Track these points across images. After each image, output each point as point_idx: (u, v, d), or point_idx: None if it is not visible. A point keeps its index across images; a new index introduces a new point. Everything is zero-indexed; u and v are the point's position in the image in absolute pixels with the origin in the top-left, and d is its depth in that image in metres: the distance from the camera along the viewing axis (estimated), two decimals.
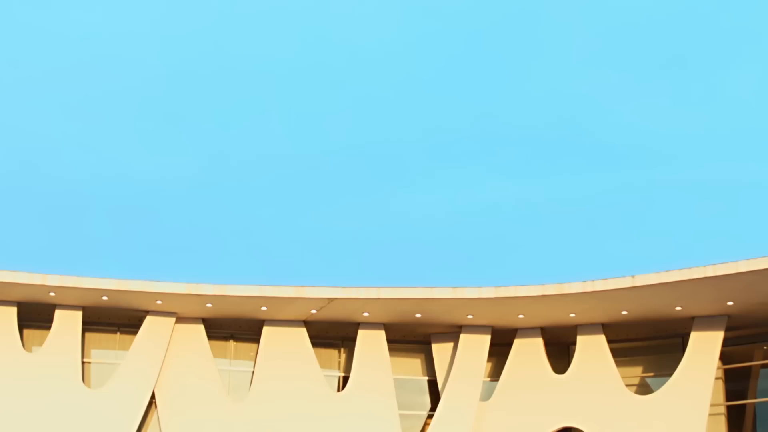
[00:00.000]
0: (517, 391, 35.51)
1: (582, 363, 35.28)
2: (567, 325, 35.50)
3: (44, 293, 33.48)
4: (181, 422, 34.48)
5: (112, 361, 35.52)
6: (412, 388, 37.22)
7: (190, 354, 35.27)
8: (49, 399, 33.49)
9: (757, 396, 35.69)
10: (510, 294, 33.21)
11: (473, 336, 35.80)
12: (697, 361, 33.80)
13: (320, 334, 36.47)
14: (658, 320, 34.75)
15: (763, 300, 32.23)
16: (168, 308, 34.69)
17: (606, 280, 32.24)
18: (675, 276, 31.15)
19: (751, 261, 30.02)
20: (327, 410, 35.02)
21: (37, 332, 35.29)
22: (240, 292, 33.61)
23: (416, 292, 33.63)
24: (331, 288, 33.74)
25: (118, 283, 33.23)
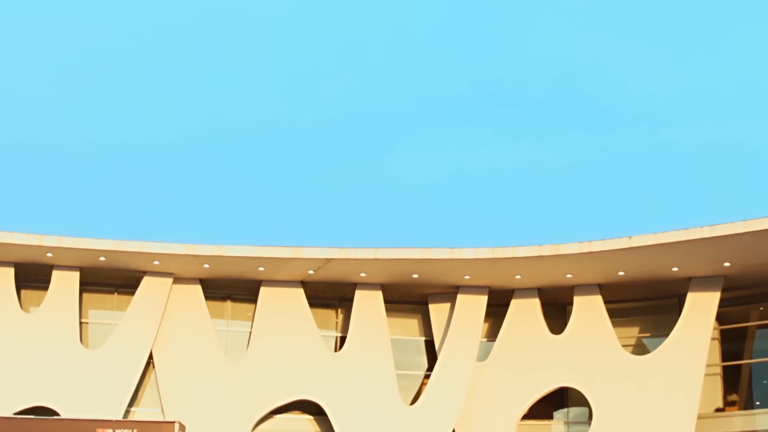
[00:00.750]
0: (514, 352, 35.61)
1: (579, 323, 35.37)
2: (564, 285, 35.56)
3: (41, 254, 33.50)
4: (179, 382, 34.60)
5: (109, 322, 35.59)
6: (409, 348, 37.32)
7: (187, 314, 35.34)
8: (47, 359, 33.59)
9: (752, 356, 35.82)
10: (507, 255, 33.24)
11: (470, 296, 35.86)
12: (693, 322, 33.89)
13: (317, 295, 36.53)
14: (655, 281, 34.80)
15: (759, 261, 32.27)
16: (165, 269, 34.72)
17: (603, 241, 32.26)
18: (672, 237, 31.18)
19: (748, 222, 30.05)
20: (324, 370, 35.14)
21: (35, 293, 35.34)
22: (237, 252, 33.62)
23: (413, 252, 33.65)
24: (329, 248, 33.76)
25: (115, 243, 33.24)
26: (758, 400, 35.60)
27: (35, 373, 33.41)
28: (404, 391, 35.97)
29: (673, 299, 35.53)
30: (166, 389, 34.59)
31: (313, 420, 36.09)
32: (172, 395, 34.47)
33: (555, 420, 36.82)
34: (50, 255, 33.61)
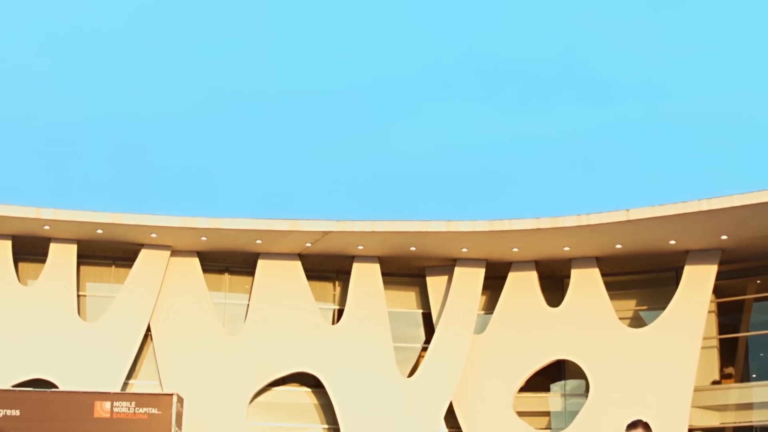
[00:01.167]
0: (511, 324, 35.67)
1: (576, 296, 35.42)
2: (561, 258, 35.59)
3: (39, 227, 33.49)
4: (177, 355, 34.68)
5: (107, 295, 35.63)
6: (406, 321, 37.38)
7: (185, 287, 35.38)
8: (45, 332, 33.65)
9: (749, 329, 35.90)
10: (504, 227, 33.23)
11: (467, 269, 35.89)
12: (690, 295, 33.94)
13: (315, 267, 36.55)
14: (652, 254, 34.83)
15: (757, 234, 32.29)
16: (163, 242, 34.73)
17: (600, 214, 32.26)
18: (669, 210, 31.17)
19: (745, 195, 30.03)
20: (322, 343, 35.21)
21: (32, 266, 35.36)
22: (234, 225, 33.62)
23: (411, 225, 33.65)
24: (326, 221, 33.76)
25: (112, 216, 33.24)
26: (755, 373, 35.71)
27: (33, 345, 33.47)
28: (402, 364, 36.05)
29: (670, 272, 35.57)
30: (164, 362, 34.68)
31: (310, 392, 36.20)
32: (170, 368, 34.56)
33: (552, 392, 36.92)
34: (47, 228, 33.61)
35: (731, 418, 35.08)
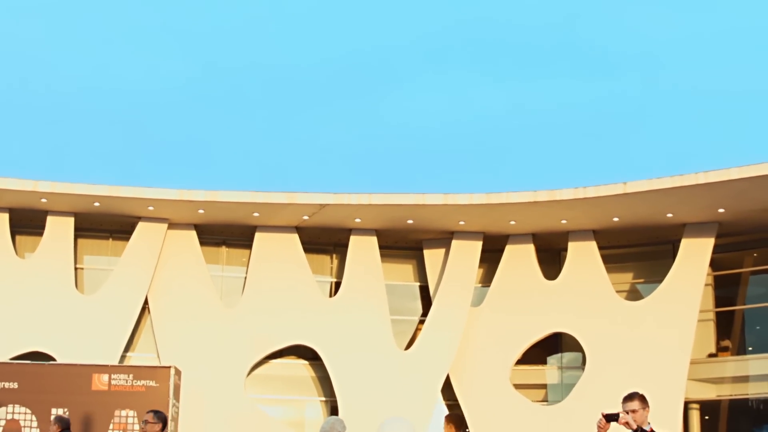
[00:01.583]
0: (508, 297, 35.73)
1: (573, 269, 35.46)
2: (558, 231, 35.60)
3: (36, 199, 33.46)
4: (174, 327, 34.73)
5: (104, 267, 35.64)
6: (403, 294, 37.43)
7: (182, 260, 35.39)
8: (43, 305, 33.68)
9: (746, 302, 35.97)
10: (501, 200, 33.22)
11: (465, 242, 35.90)
12: (687, 268, 33.98)
13: (312, 240, 36.54)
14: (649, 227, 34.85)
15: (754, 207, 32.30)
16: (160, 214, 34.71)
17: (598, 187, 32.25)
18: (667, 183, 31.17)
19: (743, 168, 30.03)
20: (319, 315, 35.26)
21: (30, 238, 35.36)
22: (232, 198, 33.59)
23: (408, 198, 33.63)
24: (323, 194, 33.73)
25: (109, 189, 33.21)
26: (751, 346, 35.81)
27: (31, 318, 33.51)
28: (399, 336, 36.12)
29: (667, 245, 35.60)
30: (161, 334, 34.74)
31: (308, 365, 36.29)
32: (168, 340, 34.62)
33: (549, 365, 37.03)
34: (44, 201, 33.58)
35: (727, 390, 35.21)
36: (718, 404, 35.43)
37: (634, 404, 9.35)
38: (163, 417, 10.71)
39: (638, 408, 9.32)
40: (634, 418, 9.28)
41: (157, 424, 10.55)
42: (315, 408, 36.42)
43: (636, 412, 9.30)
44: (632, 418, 9.27)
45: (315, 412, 36.19)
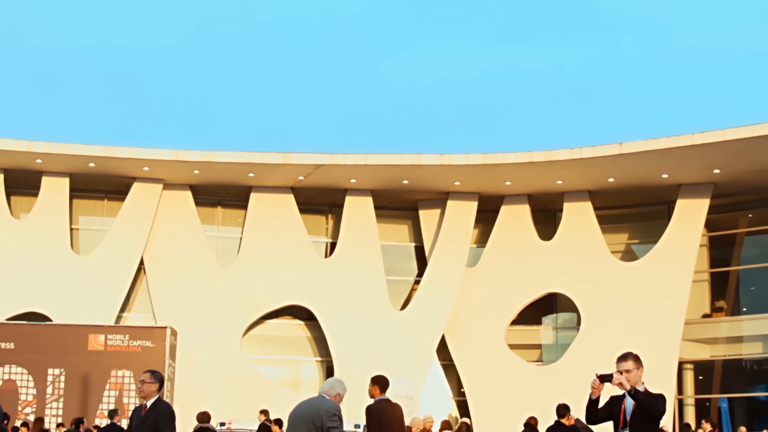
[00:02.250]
0: (504, 258, 35.78)
1: (568, 230, 35.48)
2: (554, 191, 35.59)
3: (31, 160, 33.39)
4: (170, 288, 34.77)
5: (99, 228, 35.63)
6: (399, 254, 37.46)
7: (177, 220, 35.37)
8: (38, 265, 33.69)
9: (740, 263, 36.05)
10: (497, 161, 33.20)
11: (460, 203, 35.90)
12: (682, 229, 34.02)
13: (307, 201, 36.52)
14: (645, 187, 34.84)
15: (749, 168, 32.30)
16: (155, 175, 34.66)
17: (593, 147, 32.23)
18: (662, 143, 31.16)
19: (738, 129, 30.02)
20: (314, 276, 35.31)
21: (25, 199, 35.32)
22: (227, 158, 33.54)
23: (403, 158, 33.60)
24: (319, 154, 33.69)
25: (104, 149, 33.14)
26: (745, 307, 35.91)
27: (26, 279, 33.53)
28: (394, 297, 36.19)
29: (662, 206, 35.62)
30: (157, 295, 34.78)
31: (303, 325, 36.37)
32: (164, 301, 34.67)
33: (543, 325, 37.14)
34: (39, 161, 33.50)
35: (721, 351, 35.37)
36: (712, 364, 35.60)
37: (628, 364, 9.34)
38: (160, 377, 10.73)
39: (632, 368, 9.31)
40: (628, 378, 9.28)
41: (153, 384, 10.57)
42: (310, 368, 36.55)
43: (630, 372, 9.29)
44: (626, 378, 9.27)
45: (311, 372, 36.32)
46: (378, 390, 13.42)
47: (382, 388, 13.50)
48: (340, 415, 9.92)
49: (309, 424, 9.81)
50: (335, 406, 10.00)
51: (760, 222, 35.32)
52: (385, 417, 13.38)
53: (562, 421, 17.58)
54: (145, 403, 10.64)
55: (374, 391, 13.39)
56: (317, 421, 9.79)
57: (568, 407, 17.77)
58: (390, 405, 13.53)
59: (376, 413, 13.40)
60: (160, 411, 10.45)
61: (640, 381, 9.43)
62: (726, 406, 35.39)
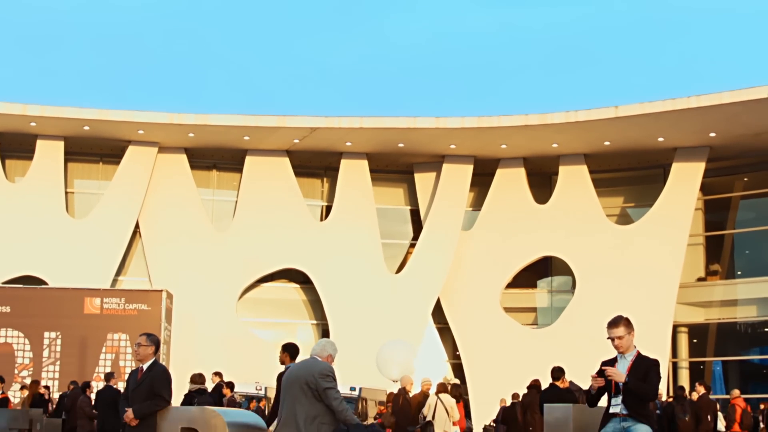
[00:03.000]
0: (499, 221, 35.80)
1: (563, 193, 35.49)
2: (549, 155, 35.57)
3: (25, 123, 33.29)
4: (166, 252, 34.78)
5: (95, 191, 35.58)
6: (394, 218, 37.47)
7: (173, 183, 35.33)
8: (34, 229, 33.66)
9: (735, 227, 36.09)
10: (493, 124, 33.16)
11: (456, 166, 35.88)
12: (677, 192, 34.04)
13: (303, 164, 36.49)
14: (640, 151, 34.83)
15: (745, 131, 32.28)
16: (150, 138, 34.58)
17: (589, 111, 32.20)
18: (658, 107, 31.12)
19: (735, 92, 29.99)
20: (310, 239, 35.32)
21: (20, 162, 35.26)
22: (222, 121, 33.48)
23: (399, 121, 33.55)
24: (314, 117, 33.63)
25: (99, 112, 33.06)
26: (740, 270, 36.00)
27: (22, 242, 33.52)
28: (390, 260, 36.23)
29: (658, 169, 35.63)
30: (153, 258, 34.80)
31: (299, 288, 36.43)
32: (159, 264, 34.69)
33: (539, 288, 37.22)
34: (34, 124, 33.40)
35: (716, 314, 35.48)
36: (706, 327, 35.72)
37: (619, 330, 9.29)
38: (156, 340, 10.75)
39: (624, 334, 9.28)
40: (620, 344, 9.24)
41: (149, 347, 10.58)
42: (306, 331, 36.65)
43: (622, 339, 9.26)
44: (618, 344, 9.22)
45: (306, 335, 36.41)
46: (288, 357, 13.72)
47: (292, 355, 13.74)
48: (333, 375, 9.95)
49: (303, 386, 9.83)
50: (328, 367, 10.02)
51: (755, 185, 35.34)
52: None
53: (556, 383, 17.64)
54: (141, 366, 10.66)
55: (285, 358, 13.70)
56: (311, 382, 9.81)
57: (562, 370, 17.82)
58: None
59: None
60: (157, 374, 10.47)
61: (632, 345, 9.42)
62: (720, 369, 35.57)
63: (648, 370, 9.25)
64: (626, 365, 9.30)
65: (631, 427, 8.88)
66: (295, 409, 9.89)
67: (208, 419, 9.93)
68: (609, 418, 9.05)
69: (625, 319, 9.47)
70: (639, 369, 9.30)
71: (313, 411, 9.84)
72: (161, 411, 10.20)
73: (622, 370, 9.27)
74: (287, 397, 10.02)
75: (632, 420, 8.92)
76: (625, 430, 8.90)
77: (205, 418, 9.95)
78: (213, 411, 10.08)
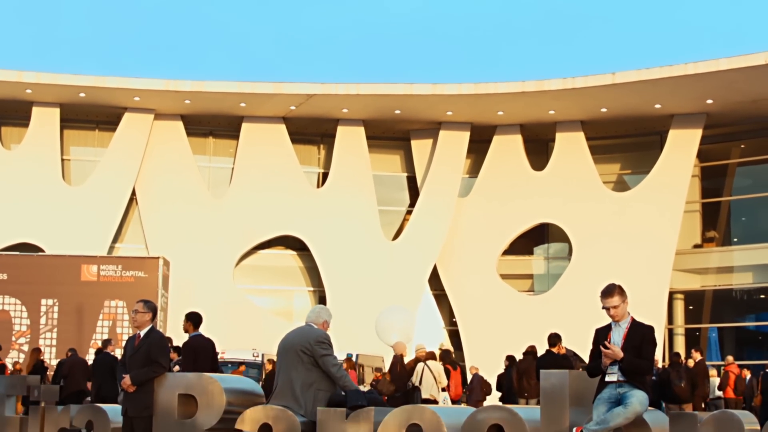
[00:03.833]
0: (496, 188, 35.79)
1: (560, 160, 35.47)
2: (546, 122, 35.52)
3: (20, 90, 33.20)
4: (162, 219, 34.77)
5: (91, 158, 35.55)
6: (391, 184, 37.46)
7: (169, 151, 35.29)
8: (30, 196, 33.64)
9: (732, 194, 36.11)
10: (489, 90, 33.11)
11: (452, 132, 35.84)
12: (674, 159, 34.03)
13: (299, 131, 36.44)
14: (638, 118, 34.79)
15: (742, 98, 32.24)
16: (146, 105, 34.51)
17: (586, 77, 32.15)
18: (655, 73, 31.08)
19: (732, 59, 29.95)
20: (306, 206, 35.32)
21: (16, 129, 35.22)
22: (218, 88, 33.42)
23: (395, 88, 33.49)
24: (310, 84, 33.56)
25: (95, 79, 32.98)
26: (736, 237, 36.05)
27: (18, 210, 33.50)
28: (386, 227, 36.25)
29: (654, 136, 35.61)
30: (149, 225, 34.80)
31: (296, 255, 36.47)
32: (156, 231, 34.70)
33: (535, 255, 37.27)
34: (29, 91, 33.32)
35: (712, 281, 35.56)
36: (703, 294, 35.80)
37: (614, 300, 9.22)
38: (153, 306, 10.74)
39: (618, 303, 9.25)
40: (615, 314, 9.18)
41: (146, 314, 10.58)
42: (303, 298, 36.71)
43: (617, 308, 9.22)
44: (613, 313, 9.15)
45: (303, 302, 36.49)
46: (191, 326, 14.37)
47: (195, 324, 14.41)
48: (329, 341, 9.97)
49: (299, 353, 9.86)
50: (323, 333, 10.05)
51: (752, 152, 35.34)
52: (200, 351, 14.08)
53: (553, 350, 17.72)
54: (138, 332, 10.67)
55: (188, 327, 14.32)
56: (307, 349, 9.84)
57: (559, 336, 17.89)
58: (204, 340, 14.32)
59: (192, 348, 14.14)
60: (154, 340, 10.48)
61: (626, 313, 9.39)
62: (716, 335, 35.69)
63: (643, 338, 9.21)
64: (621, 333, 9.26)
65: (627, 393, 8.89)
66: (291, 375, 9.92)
67: (206, 385, 9.95)
68: (605, 384, 9.06)
69: (618, 287, 9.43)
70: (634, 337, 9.25)
71: (309, 378, 9.88)
72: (158, 377, 10.22)
73: (617, 338, 9.25)
74: (283, 364, 10.05)
75: (628, 386, 8.94)
76: (621, 396, 8.91)
77: (203, 385, 9.98)
78: (210, 377, 10.10)
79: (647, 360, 9.16)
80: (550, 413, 8.85)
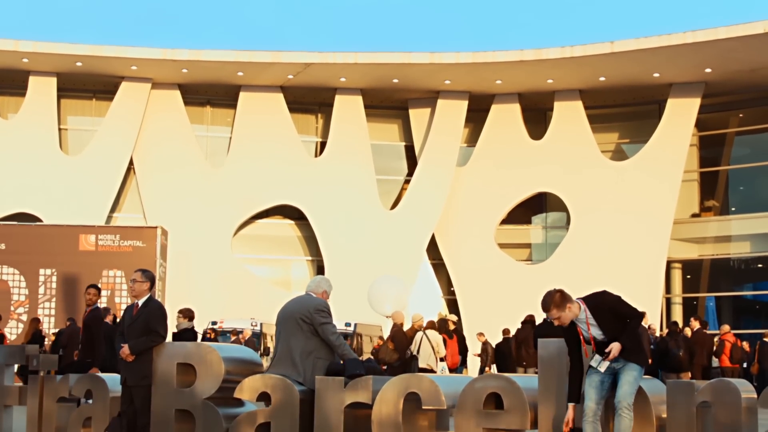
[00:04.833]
0: (494, 157, 35.77)
1: (558, 129, 35.44)
2: (544, 91, 35.47)
3: (17, 59, 33.11)
4: (160, 188, 34.77)
5: (88, 128, 35.50)
6: (389, 154, 37.45)
7: (166, 120, 35.23)
8: (28, 166, 33.62)
9: (730, 163, 36.11)
10: (488, 59, 33.04)
11: (450, 101, 35.79)
12: (672, 128, 34.01)
13: (297, 100, 36.38)
14: (636, 87, 34.74)
15: (740, 67, 32.19)
16: (143, 74, 34.42)
17: (584, 46, 32.08)
18: (654, 42, 31.02)
19: (730, 27, 29.89)
20: (304, 175, 35.31)
21: (12, 99, 35.14)
22: (215, 57, 33.34)
23: (393, 56, 33.41)
24: (308, 53, 33.47)
25: (91, 48, 32.88)
26: (734, 206, 36.08)
27: (16, 179, 33.48)
28: (384, 196, 36.25)
29: (653, 105, 35.57)
30: (147, 195, 34.79)
31: (294, 224, 36.48)
32: (154, 201, 34.70)
33: (533, 224, 37.29)
34: (26, 60, 33.22)
35: (709, 250, 35.59)
36: (700, 263, 35.85)
37: (552, 313, 8.74)
38: (151, 276, 10.73)
39: (558, 313, 8.71)
40: (561, 322, 8.72)
41: (144, 283, 10.57)
42: (301, 267, 36.76)
43: (560, 317, 8.71)
44: (559, 322, 8.70)
45: (301, 271, 36.54)
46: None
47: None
48: (328, 310, 9.99)
49: (298, 321, 9.87)
50: (323, 302, 10.06)
51: (750, 122, 35.33)
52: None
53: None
54: (136, 302, 10.66)
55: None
56: (306, 318, 9.86)
57: None
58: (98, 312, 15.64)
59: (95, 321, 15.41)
60: (152, 310, 10.47)
61: (577, 314, 8.84)
62: (713, 304, 35.78)
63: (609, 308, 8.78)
64: (585, 325, 8.83)
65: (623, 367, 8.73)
66: (290, 344, 9.94)
67: (204, 355, 9.95)
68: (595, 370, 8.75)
69: (555, 297, 8.84)
70: (602, 316, 8.78)
71: (308, 346, 9.90)
72: (157, 347, 10.22)
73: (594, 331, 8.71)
74: (282, 332, 10.07)
75: (623, 360, 8.74)
76: (616, 370, 8.73)
77: (201, 354, 9.98)
78: (209, 347, 10.11)
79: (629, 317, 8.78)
80: (548, 382, 8.86)
